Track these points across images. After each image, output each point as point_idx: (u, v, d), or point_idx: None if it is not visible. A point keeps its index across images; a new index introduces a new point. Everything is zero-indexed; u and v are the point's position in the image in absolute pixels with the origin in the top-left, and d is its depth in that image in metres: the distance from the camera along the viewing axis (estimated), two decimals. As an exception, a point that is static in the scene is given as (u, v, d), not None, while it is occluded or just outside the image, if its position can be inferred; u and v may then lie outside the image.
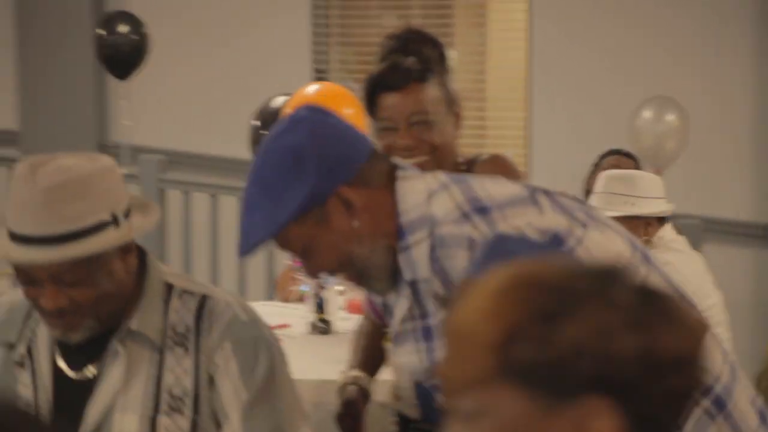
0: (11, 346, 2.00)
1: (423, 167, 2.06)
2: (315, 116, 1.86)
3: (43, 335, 2.00)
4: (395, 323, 1.91)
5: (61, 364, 1.99)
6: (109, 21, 5.80)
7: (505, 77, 6.70)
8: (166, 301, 1.99)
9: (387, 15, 6.80)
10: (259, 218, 1.81)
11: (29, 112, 6.83)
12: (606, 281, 1.01)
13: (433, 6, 6.65)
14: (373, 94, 2.53)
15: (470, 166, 2.59)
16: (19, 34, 6.80)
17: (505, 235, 1.63)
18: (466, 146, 6.37)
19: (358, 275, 1.87)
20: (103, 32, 5.72)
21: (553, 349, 0.96)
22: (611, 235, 1.82)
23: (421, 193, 1.83)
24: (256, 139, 4.14)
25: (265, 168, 1.82)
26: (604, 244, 1.77)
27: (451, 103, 2.54)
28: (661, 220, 3.60)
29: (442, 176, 1.87)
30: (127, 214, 1.93)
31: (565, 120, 5.97)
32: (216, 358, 1.95)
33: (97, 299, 1.90)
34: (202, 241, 5.53)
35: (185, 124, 6.47)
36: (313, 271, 1.90)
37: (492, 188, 1.82)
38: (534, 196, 1.81)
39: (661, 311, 1.00)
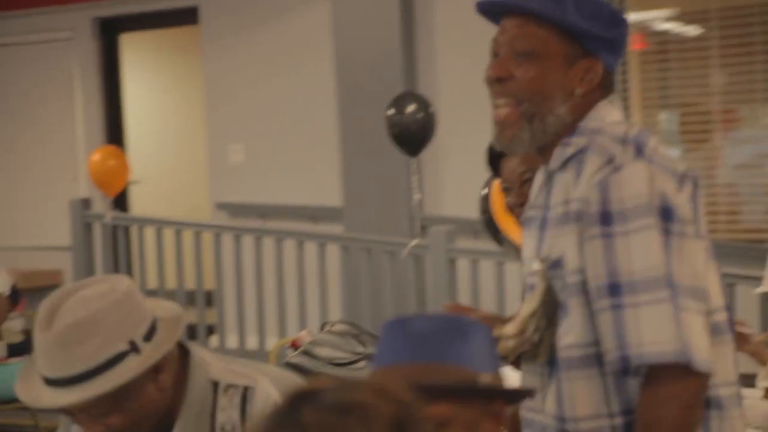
0: None
1: None
2: None
3: None
4: (527, 208, 2.13)
5: None
6: (398, 101, 6.18)
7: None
8: (213, 401, 2.07)
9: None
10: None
11: (351, 190, 7.38)
12: (296, 405, 1.15)
13: None
14: None
15: None
16: (340, 116, 7.41)
17: (398, 320, 1.72)
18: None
19: (529, 115, 2.02)
20: (392, 112, 6.11)
21: None
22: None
23: (612, 116, 2.04)
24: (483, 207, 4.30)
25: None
26: (693, 253, 1.90)
27: None
28: None
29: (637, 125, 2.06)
30: (149, 335, 1.98)
31: None
32: None
33: (133, 423, 1.99)
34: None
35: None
36: (508, 80, 2.03)
37: (663, 153, 1.97)
38: (685, 180, 1.94)
39: (347, 412, 1.13)
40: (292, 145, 7.95)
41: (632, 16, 6.75)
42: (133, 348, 1.95)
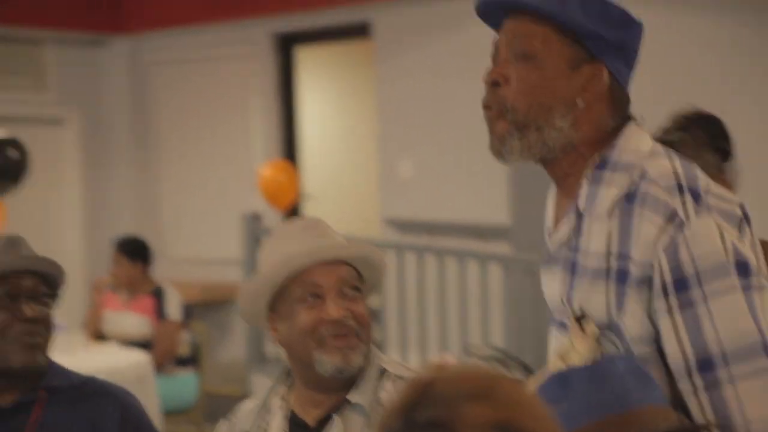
0: None
1: None
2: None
3: (276, 427, 2.23)
4: (552, 244, 1.90)
5: None
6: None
7: None
8: (380, 382, 2.19)
9: None
10: None
11: (518, 209, 7.28)
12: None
13: None
14: None
15: None
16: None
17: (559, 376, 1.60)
18: None
19: (519, 125, 1.83)
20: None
21: None
22: None
23: (645, 144, 1.80)
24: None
25: None
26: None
27: None
28: None
29: (671, 151, 1.82)
30: None
31: None
32: None
33: (367, 321, 2.17)
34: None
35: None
36: (504, 85, 1.85)
37: (713, 185, 1.76)
38: (744, 223, 1.74)
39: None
40: (460, 161, 7.90)
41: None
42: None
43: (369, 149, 9.28)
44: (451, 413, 1.09)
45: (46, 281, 2.54)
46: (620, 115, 1.84)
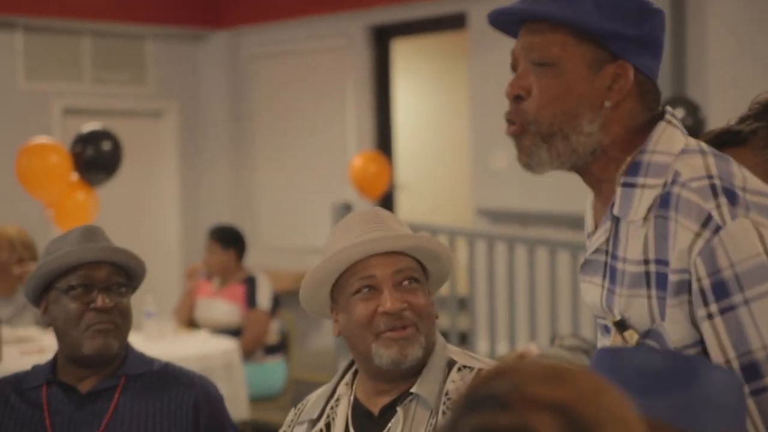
0: (312, 423, 2.24)
1: None
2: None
3: (341, 414, 2.21)
4: (589, 250, 1.85)
5: None
6: (667, 105, 5.91)
7: None
8: (446, 375, 2.13)
9: None
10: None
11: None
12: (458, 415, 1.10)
13: None
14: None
15: None
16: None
17: (612, 350, 1.56)
18: None
19: (545, 135, 1.77)
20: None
21: None
22: None
23: (676, 143, 1.74)
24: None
25: None
26: None
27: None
28: None
29: (704, 144, 1.76)
30: None
31: None
32: None
33: (428, 312, 2.13)
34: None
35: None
36: (526, 98, 1.79)
37: (752, 180, 1.69)
38: None
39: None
40: (554, 151, 7.79)
41: None
42: None
43: (462, 140, 9.23)
44: (514, 389, 1.06)
45: (122, 272, 2.55)
46: (651, 109, 1.79)
